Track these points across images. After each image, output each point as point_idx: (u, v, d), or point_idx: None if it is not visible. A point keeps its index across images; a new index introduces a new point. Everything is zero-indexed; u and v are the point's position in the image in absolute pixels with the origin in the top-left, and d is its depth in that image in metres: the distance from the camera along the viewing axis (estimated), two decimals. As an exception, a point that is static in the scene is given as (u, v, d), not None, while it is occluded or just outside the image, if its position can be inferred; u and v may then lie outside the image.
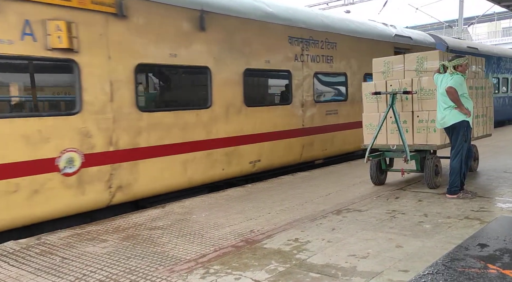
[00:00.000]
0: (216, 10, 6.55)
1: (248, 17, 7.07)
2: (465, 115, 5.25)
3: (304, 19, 8.20)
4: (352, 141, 9.05)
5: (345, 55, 8.96)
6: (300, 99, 8.02)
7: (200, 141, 6.35)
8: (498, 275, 3.03)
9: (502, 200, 5.20)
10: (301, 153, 8.10)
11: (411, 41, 10.74)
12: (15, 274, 3.48)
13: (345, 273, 3.21)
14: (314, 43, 8.26)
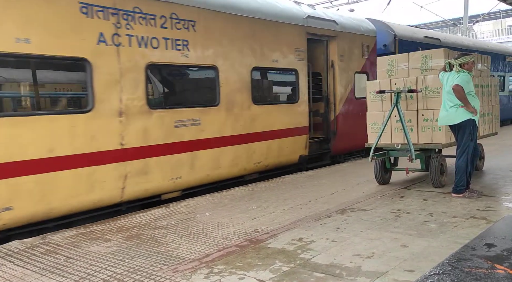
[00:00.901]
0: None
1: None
2: (471, 114, 5.20)
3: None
4: (228, 164, 6.55)
5: (214, 41, 6.34)
6: (115, 105, 5.19)
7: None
8: (506, 275, 3.00)
9: (509, 199, 5.15)
10: (123, 187, 5.30)
11: (336, 27, 8.65)
12: (20, 273, 3.49)
13: (349, 273, 3.19)
14: (145, 18, 5.46)
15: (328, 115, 8.88)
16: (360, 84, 9.28)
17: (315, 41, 8.54)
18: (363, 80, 9.22)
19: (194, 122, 6.12)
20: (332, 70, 8.80)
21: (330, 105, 8.88)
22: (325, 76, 8.85)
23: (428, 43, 11.23)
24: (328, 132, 8.85)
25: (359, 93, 9.27)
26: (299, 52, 7.89)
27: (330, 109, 8.88)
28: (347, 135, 9.03)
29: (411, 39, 10.88)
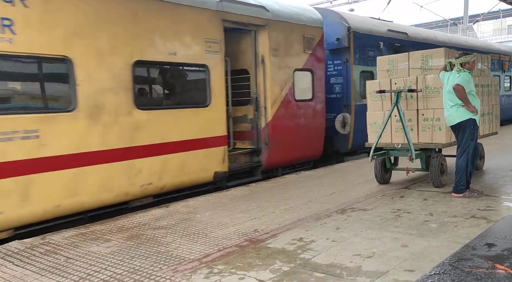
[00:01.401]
0: None
1: None
2: (472, 114, 5.20)
3: None
4: (94, 189, 5.09)
5: (65, 22, 4.81)
6: None
7: None
8: (506, 275, 2.99)
9: (509, 199, 5.14)
10: None
11: (266, 14, 7.22)
12: (20, 274, 3.49)
13: (350, 272, 3.18)
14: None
15: (258, 122, 7.39)
16: (302, 84, 8.00)
17: (239, 31, 7.21)
18: (307, 79, 8.10)
19: (27, 134, 4.54)
20: (263, 66, 7.29)
21: (261, 109, 7.35)
22: (254, 74, 7.38)
23: (392, 37, 10.22)
24: (259, 142, 7.41)
25: (301, 94, 7.98)
26: (210, 44, 6.30)
27: (260, 114, 7.36)
28: (284, 145, 7.58)
29: (371, 33, 9.64)
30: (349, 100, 9.20)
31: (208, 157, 6.38)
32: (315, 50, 8.24)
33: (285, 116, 7.68)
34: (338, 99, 9.30)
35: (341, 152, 9.40)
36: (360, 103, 9.18)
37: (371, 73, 9.46)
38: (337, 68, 9.32)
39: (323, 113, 8.57)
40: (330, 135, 9.10)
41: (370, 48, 9.62)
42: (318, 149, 8.52)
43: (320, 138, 8.52)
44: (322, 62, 8.56)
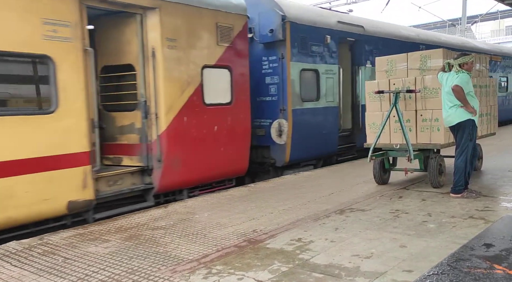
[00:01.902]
0: None
1: None
2: (470, 114, 5.21)
3: None
4: None
5: None
6: None
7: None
8: (504, 275, 3.00)
9: (507, 199, 5.16)
10: None
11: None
12: (18, 274, 3.48)
13: (348, 273, 3.18)
14: None
15: (147, 132, 5.76)
16: (216, 85, 6.46)
17: (121, 15, 5.69)
18: (223, 79, 6.57)
19: None
20: (153, 61, 5.67)
21: (151, 116, 5.72)
22: (142, 71, 5.77)
23: (345, 31, 8.87)
24: (149, 159, 5.78)
25: (214, 97, 6.39)
26: (55, 27, 4.71)
27: (150, 123, 5.74)
28: (187, 162, 6.03)
29: (315, 24, 8.22)
30: (286, 104, 7.69)
31: (56, 182, 4.73)
32: (235, 42, 6.66)
33: (188, 125, 5.99)
34: (273, 103, 7.81)
35: (278, 165, 7.87)
36: (301, 107, 8.01)
37: (316, 72, 8.30)
38: (272, 66, 7.80)
39: (247, 120, 6.99)
40: (267, 145, 7.90)
41: (314, 42, 8.19)
42: (241, 164, 6.90)
43: (243, 151, 6.89)
44: (245, 57, 6.97)
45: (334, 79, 8.73)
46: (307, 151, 8.17)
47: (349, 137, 9.51)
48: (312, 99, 8.30)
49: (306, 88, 8.14)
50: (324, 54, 8.47)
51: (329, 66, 8.57)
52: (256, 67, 7.84)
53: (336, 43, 8.71)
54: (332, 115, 8.74)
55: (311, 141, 8.16)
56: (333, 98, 8.73)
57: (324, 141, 8.51)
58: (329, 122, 8.64)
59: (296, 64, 7.92)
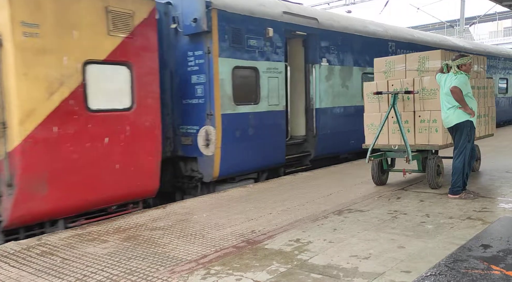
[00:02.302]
0: None
1: None
2: (469, 115, 5.23)
3: None
4: None
5: None
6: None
7: None
8: (501, 276, 3.01)
9: (505, 200, 5.17)
10: None
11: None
12: (16, 275, 3.47)
13: (346, 274, 3.19)
14: None
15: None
16: (107, 85, 5.24)
17: None
18: (119, 78, 5.34)
19: None
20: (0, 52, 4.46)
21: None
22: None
23: (293, 23, 7.69)
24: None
25: (103, 101, 5.17)
26: None
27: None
28: (57, 186, 4.76)
29: (252, 14, 7.02)
30: (213, 108, 6.46)
31: None
32: (138, 33, 5.42)
33: (60, 137, 4.74)
34: (200, 106, 6.59)
35: (205, 180, 6.60)
36: (234, 111, 6.72)
37: (254, 70, 7.04)
38: (198, 62, 6.59)
39: (155, 129, 5.68)
40: (194, 156, 6.65)
41: (252, 35, 6.98)
42: (149, 183, 5.62)
43: (151, 167, 5.61)
44: (153, 52, 5.67)
45: (279, 79, 7.50)
46: (243, 163, 6.95)
47: (302, 145, 8.40)
48: (250, 102, 7.01)
49: (241, 89, 6.88)
50: (265, 50, 7.23)
51: (273, 64, 7.37)
52: (181, 64, 6.71)
53: (282, 37, 7.52)
54: (277, 120, 7.47)
55: (249, 151, 6.95)
56: (278, 101, 7.48)
57: (267, 150, 7.26)
58: (273, 129, 7.37)
59: (227, 60, 6.63)
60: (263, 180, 7.37)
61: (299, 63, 8.37)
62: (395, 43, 10.16)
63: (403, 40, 10.42)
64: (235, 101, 6.79)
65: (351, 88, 9.11)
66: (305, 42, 8.35)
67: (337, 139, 8.74)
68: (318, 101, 8.32)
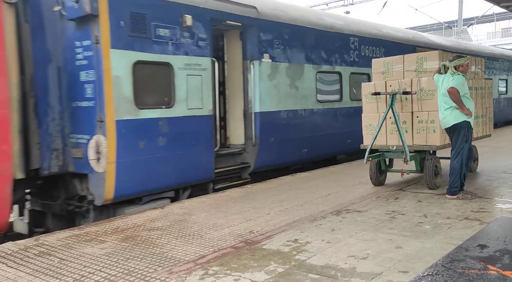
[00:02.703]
0: None
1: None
2: (466, 116, 5.25)
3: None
4: None
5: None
6: None
7: None
8: (498, 276, 3.02)
9: (502, 201, 5.19)
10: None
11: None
12: (13, 275, 3.47)
13: (344, 274, 3.20)
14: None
15: None
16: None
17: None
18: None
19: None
20: None
21: None
22: None
23: (221, 10, 6.52)
24: None
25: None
26: None
27: None
28: None
29: (194, 3, 6.12)
30: (104, 113, 5.23)
31: None
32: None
33: None
34: (90, 111, 5.35)
35: (97, 203, 5.37)
36: (135, 117, 5.45)
37: (167, 67, 5.82)
38: (87, 55, 5.35)
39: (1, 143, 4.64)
40: (85, 172, 5.42)
41: (163, 23, 5.74)
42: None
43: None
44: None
45: (203, 78, 6.24)
46: (152, 181, 5.67)
47: (240, 156, 7.18)
48: (160, 106, 5.78)
49: (148, 89, 5.70)
50: (182, 42, 5.97)
51: (193, 59, 6.10)
52: (69, 57, 5.45)
53: (207, 27, 6.30)
54: (201, 127, 6.25)
55: (160, 165, 5.71)
56: (203, 104, 6.24)
57: (187, 163, 6.04)
58: (195, 137, 6.17)
59: (125, 53, 5.36)
60: (185, 198, 6.12)
61: (237, 60, 7.23)
62: (359, 39, 9.08)
63: (368, 36, 9.38)
64: (138, 104, 5.50)
65: (302, 89, 7.91)
66: (242, 35, 7.13)
67: (284, 148, 7.58)
68: (258, 104, 7.06)
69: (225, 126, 7.48)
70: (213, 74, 6.53)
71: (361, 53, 9.32)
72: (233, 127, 7.40)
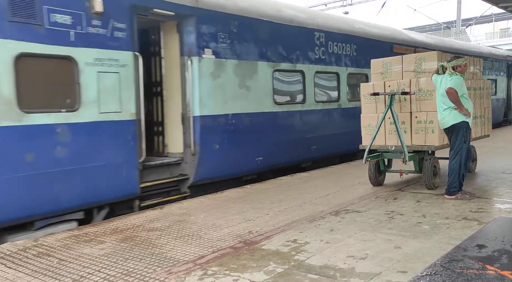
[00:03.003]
0: None
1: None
2: (464, 116, 5.27)
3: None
4: None
5: None
6: None
7: None
8: (496, 276, 3.03)
9: (500, 201, 5.21)
10: None
11: None
12: (12, 276, 3.46)
13: (343, 274, 3.20)
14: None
15: None
16: None
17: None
18: None
19: None
20: None
21: None
22: None
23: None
24: None
25: None
26: None
27: None
28: None
29: None
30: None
31: None
32: None
33: None
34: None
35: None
36: (17, 123, 4.53)
37: (69, 61, 4.91)
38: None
39: None
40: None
41: (60, 7, 4.80)
42: None
43: None
44: None
45: (122, 75, 5.34)
46: (48, 201, 4.75)
47: (178, 166, 6.28)
48: (59, 109, 4.87)
49: (39, 89, 4.79)
50: (91, 32, 5.05)
51: (107, 53, 5.19)
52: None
53: (128, 15, 5.39)
54: (120, 134, 5.37)
55: (59, 182, 4.83)
56: (121, 107, 5.34)
57: (99, 179, 5.16)
58: (110, 147, 5.26)
59: (2, 43, 4.44)
60: (101, 219, 5.35)
61: (174, 56, 6.28)
62: (325, 34, 8.17)
63: (337, 31, 8.47)
64: (22, 107, 4.56)
65: (255, 90, 6.98)
66: (179, 27, 6.21)
67: (233, 157, 6.66)
68: (197, 107, 6.13)
69: (163, 132, 6.42)
70: (137, 71, 5.54)
71: (329, 50, 8.38)
72: (172, 134, 6.35)
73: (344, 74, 8.93)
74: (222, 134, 6.54)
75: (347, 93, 9.06)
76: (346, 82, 9.00)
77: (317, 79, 8.23)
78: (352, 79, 9.17)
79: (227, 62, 6.62)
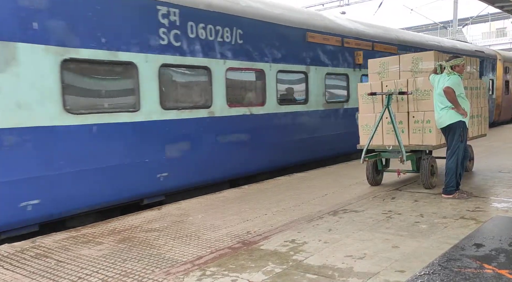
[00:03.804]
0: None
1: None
2: (461, 116, 5.29)
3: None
4: None
5: None
6: None
7: None
8: (494, 275, 3.05)
9: (497, 200, 5.23)
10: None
11: None
12: (10, 277, 3.45)
13: (341, 274, 3.21)
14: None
15: None
16: None
17: None
18: None
19: None
20: None
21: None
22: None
23: None
24: None
25: None
26: None
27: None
28: None
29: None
30: None
31: None
32: None
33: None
34: None
35: None
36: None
37: None
38: None
39: None
40: None
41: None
42: None
43: None
44: None
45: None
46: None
47: None
48: None
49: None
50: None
51: None
52: None
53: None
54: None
55: None
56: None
57: None
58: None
59: None
60: None
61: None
62: (180, 11, 5.64)
63: (203, 8, 5.98)
64: None
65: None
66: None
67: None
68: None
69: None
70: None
71: (189, 34, 5.79)
72: None
73: (221, 69, 6.27)
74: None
75: (226, 96, 6.37)
76: (225, 80, 6.36)
77: (166, 75, 5.68)
78: (235, 76, 6.51)
79: None
